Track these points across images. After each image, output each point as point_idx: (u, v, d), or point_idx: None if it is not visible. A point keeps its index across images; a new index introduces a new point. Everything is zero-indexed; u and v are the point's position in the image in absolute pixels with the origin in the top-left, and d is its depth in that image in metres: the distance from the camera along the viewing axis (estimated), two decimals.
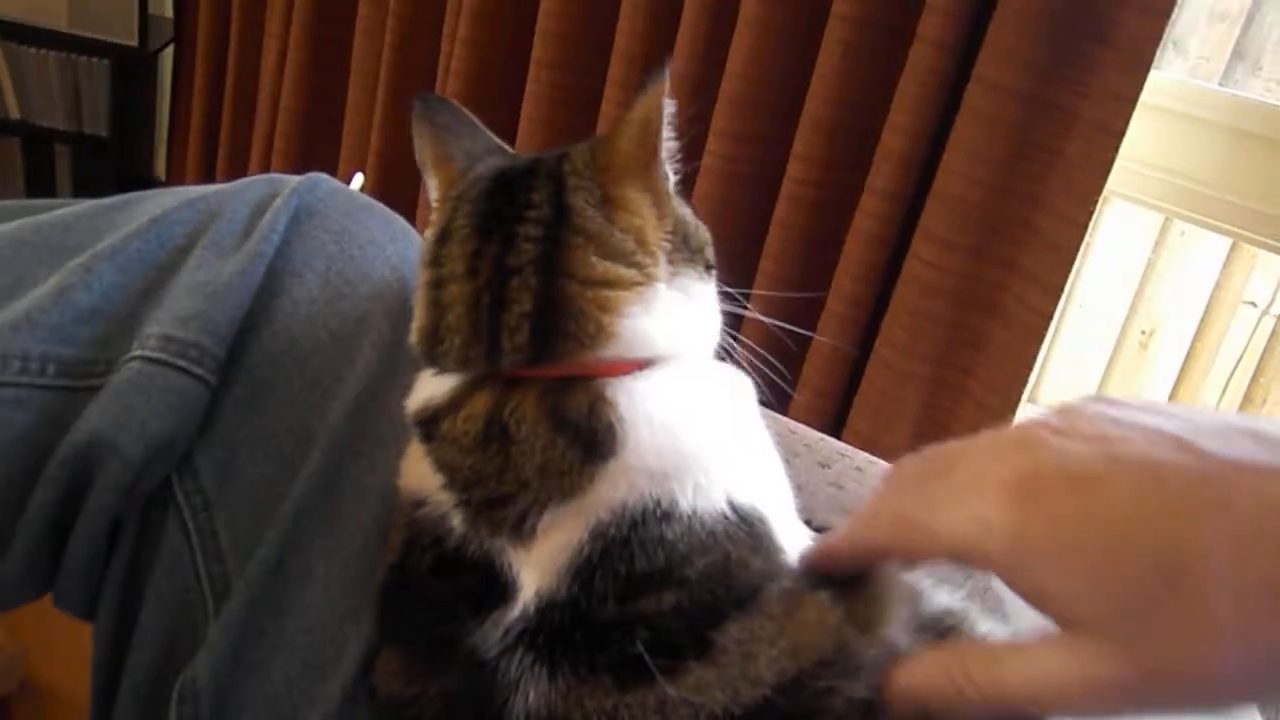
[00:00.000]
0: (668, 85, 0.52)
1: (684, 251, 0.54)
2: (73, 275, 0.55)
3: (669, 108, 0.53)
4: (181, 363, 0.54)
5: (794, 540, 0.50)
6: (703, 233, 0.57)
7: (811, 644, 0.46)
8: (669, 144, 0.55)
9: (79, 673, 0.59)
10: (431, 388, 0.54)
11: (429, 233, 0.56)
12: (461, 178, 0.57)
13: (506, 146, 0.62)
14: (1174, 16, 0.98)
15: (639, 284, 0.51)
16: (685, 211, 0.56)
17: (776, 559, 0.49)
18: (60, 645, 0.60)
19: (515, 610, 0.48)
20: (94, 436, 0.52)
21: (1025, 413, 2.53)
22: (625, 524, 0.47)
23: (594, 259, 0.51)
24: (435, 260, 0.54)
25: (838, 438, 0.63)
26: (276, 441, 0.57)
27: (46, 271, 0.56)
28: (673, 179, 0.55)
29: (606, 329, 0.50)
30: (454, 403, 0.52)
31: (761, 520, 0.49)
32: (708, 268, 0.56)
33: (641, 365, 0.51)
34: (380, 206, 0.66)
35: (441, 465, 0.52)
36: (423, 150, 0.61)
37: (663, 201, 0.53)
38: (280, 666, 0.54)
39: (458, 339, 0.52)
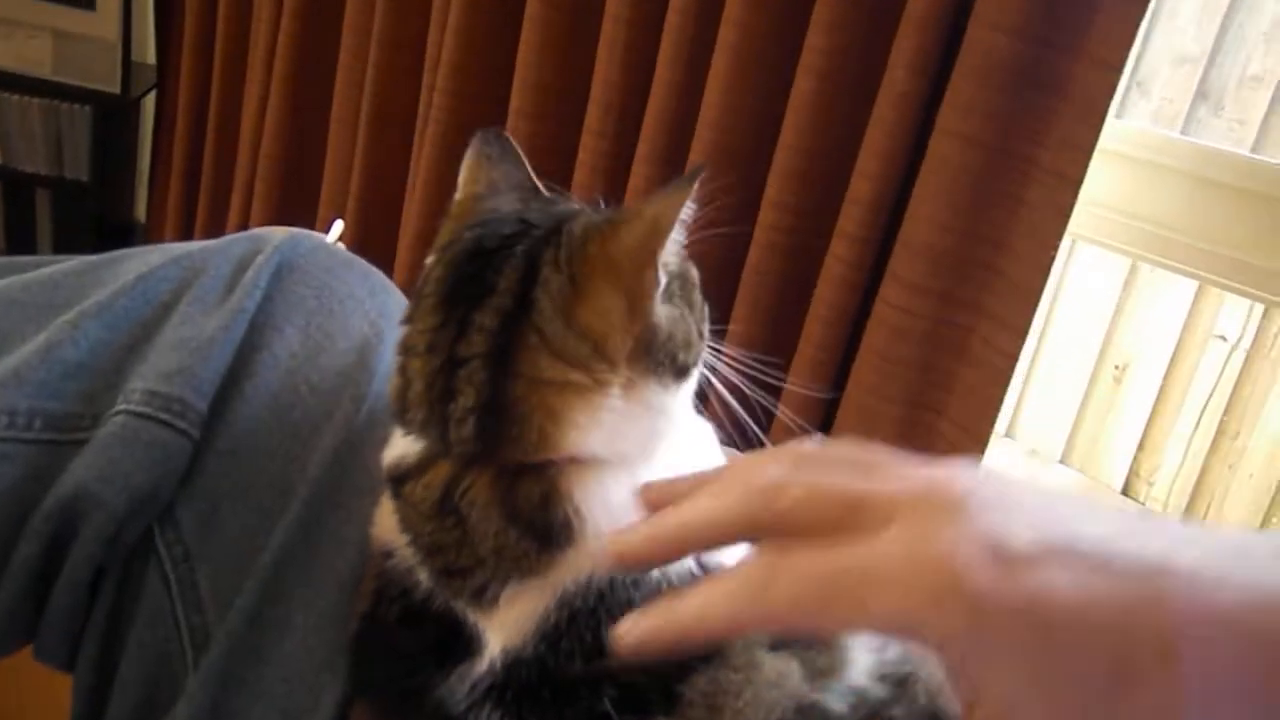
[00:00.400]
0: (693, 192, 0.50)
1: (649, 360, 0.51)
2: (60, 332, 0.57)
3: (686, 212, 0.50)
4: (165, 416, 0.55)
5: None
6: (682, 334, 0.53)
7: (773, 702, 0.46)
8: (677, 241, 0.52)
9: (34, 709, 0.60)
10: (404, 445, 0.55)
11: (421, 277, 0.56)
12: (470, 206, 0.58)
13: (539, 186, 0.61)
14: (1137, 58, 1.01)
15: (589, 390, 0.49)
16: (670, 312, 0.53)
17: None
18: (32, 704, 0.61)
19: (482, 665, 0.48)
20: (79, 489, 0.53)
21: (997, 450, 2.54)
22: (593, 595, 0.47)
23: (545, 361, 0.49)
24: (408, 318, 0.55)
25: None
26: (257, 493, 0.58)
27: (35, 329, 0.57)
28: (664, 281, 0.51)
29: (550, 438, 0.49)
30: (420, 466, 0.53)
31: None
32: (680, 371, 0.53)
33: (595, 460, 0.50)
34: (360, 262, 0.68)
35: (406, 525, 0.53)
36: (462, 174, 0.61)
37: (639, 306, 0.50)
38: (258, 716, 0.55)
39: (419, 414, 0.52)
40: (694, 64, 1.27)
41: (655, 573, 0.47)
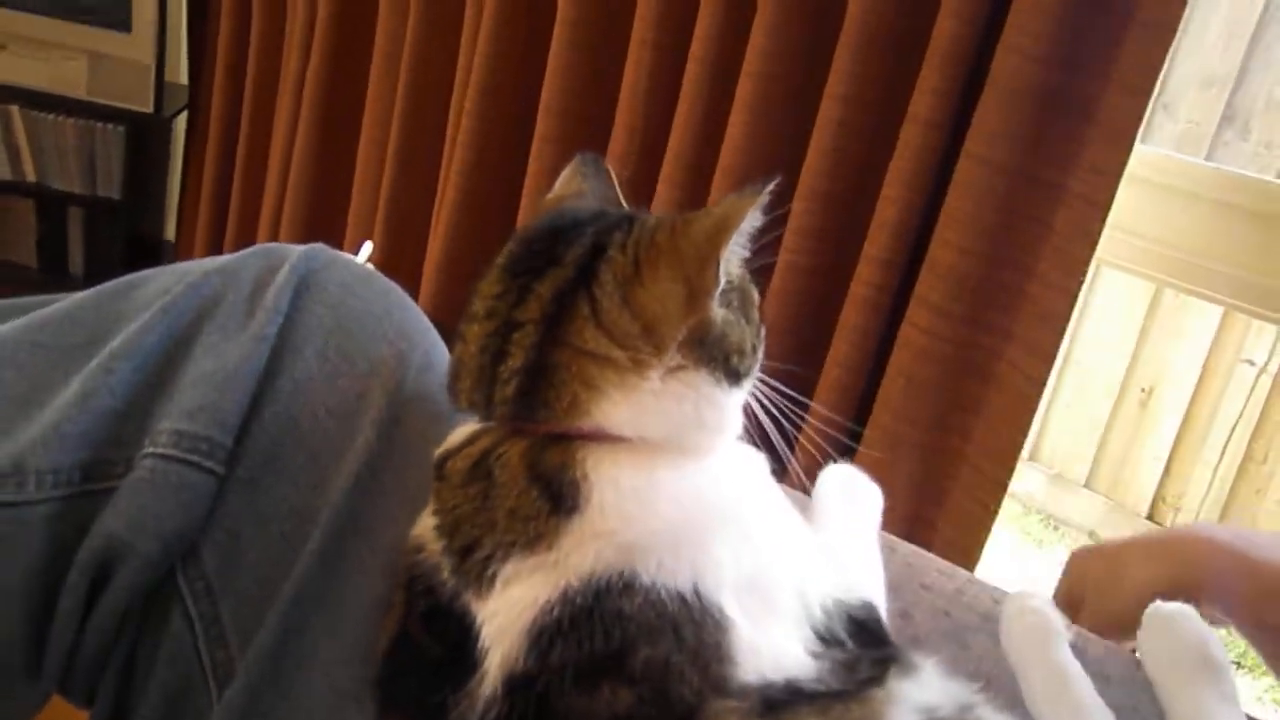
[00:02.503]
0: (762, 201, 0.50)
1: (700, 351, 0.51)
2: (95, 380, 0.56)
3: (754, 220, 0.51)
4: (194, 458, 0.55)
5: (770, 654, 0.46)
6: (736, 338, 0.53)
7: None
8: (739, 253, 0.53)
9: None
10: (458, 434, 0.55)
11: None
12: (555, 206, 0.59)
13: (623, 204, 0.61)
14: (1163, 81, 1.01)
15: (626, 369, 0.50)
16: (728, 316, 0.53)
17: (719, 671, 0.45)
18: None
19: (486, 687, 0.47)
20: (112, 539, 0.53)
21: (1021, 476, 2.52)
22: (590, 593, 0.46)
23: (592, 332, 0.50)
24: (475, 292, 0.55)
25: None
26: (278, 522, 0.57)
27: (63, 375, 0.57)
28: (723, 283, 0.52)
29: (580, 406, 0.50)
30: (464, 444, 0.53)
31: (719, 624, 0.46)
32: (732, 373, 0.53)
33: (622, 440, 0.50)
34: (379, 277, 0.67)
35: (438, 507, 0.53)
36: (558, 183, 0.62)
37: (697, 298, 0.51)
38: None
39: (468, 380, 0.53)
40: (719, 87, 1.28)
41: (645, 582, 0.46)
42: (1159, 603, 0.64)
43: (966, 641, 0.72)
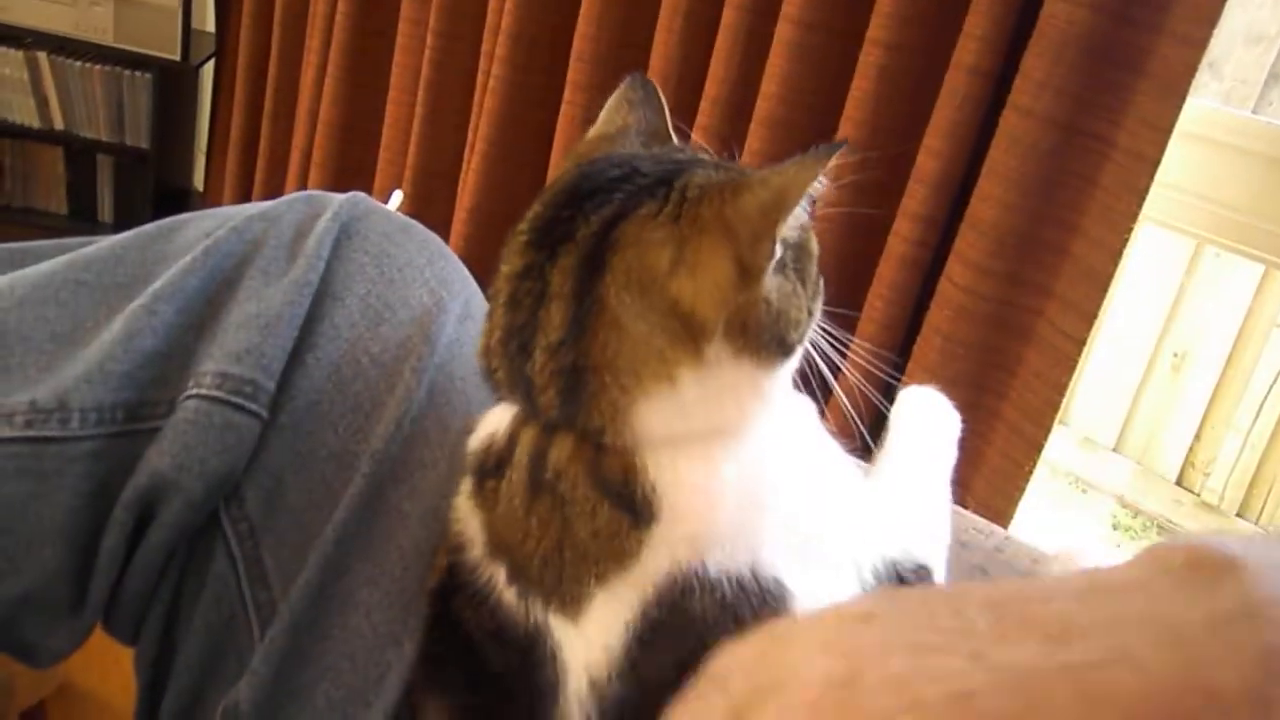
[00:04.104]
0: (823, 169, 0.45)
1: (745, 337, 0.46)
2: (139, 320, 0.56)
3: (817, 185, 0.46)
4: (237, 399, 0.55)
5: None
6: (792, 311, 0.48)
7: None
8: (800, 216, 0.47)
9: (115, 677, 0.60)
10: (494, 421, 0.52)
11: None
12: (595, 145, 0.54)
13: (672, 134, 0.56)
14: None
15: (660, 374, 0.45)
16: (783, 285, 0.48)
17: None
18: (96, 649, 0.61)
19: (572, 705, 0.46)
20: (156, 478, 0.53)
21: (1056, 438, 2.50)
22: (669, 599, 0.45)
23: (617, 335, 0.45)
24: (501, 260, 0.50)
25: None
26: (319, 467, 0.57)
27: (106, 312, 0.57)
28: (779, 253, 0.47)
29: (622, 413, 0.46)
30: (506, 443, 0.50)
31: (777, 596, 0.45)
32: (785, 349, 0.49)
33: (675, 438, 0.47)
34: (418, 227, 0.66)
35: (487, 519, 0.51)
36: (602, 114, 0.58)
37: (748, 278, 0.46)
38: (323, 692, 0.55)
39: (502, 371, 0.50)
40: (756, 35, 1.25)
41: (712, 570, 0.44)
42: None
43: None
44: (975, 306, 1.11)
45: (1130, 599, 0.30)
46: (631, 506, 0.46)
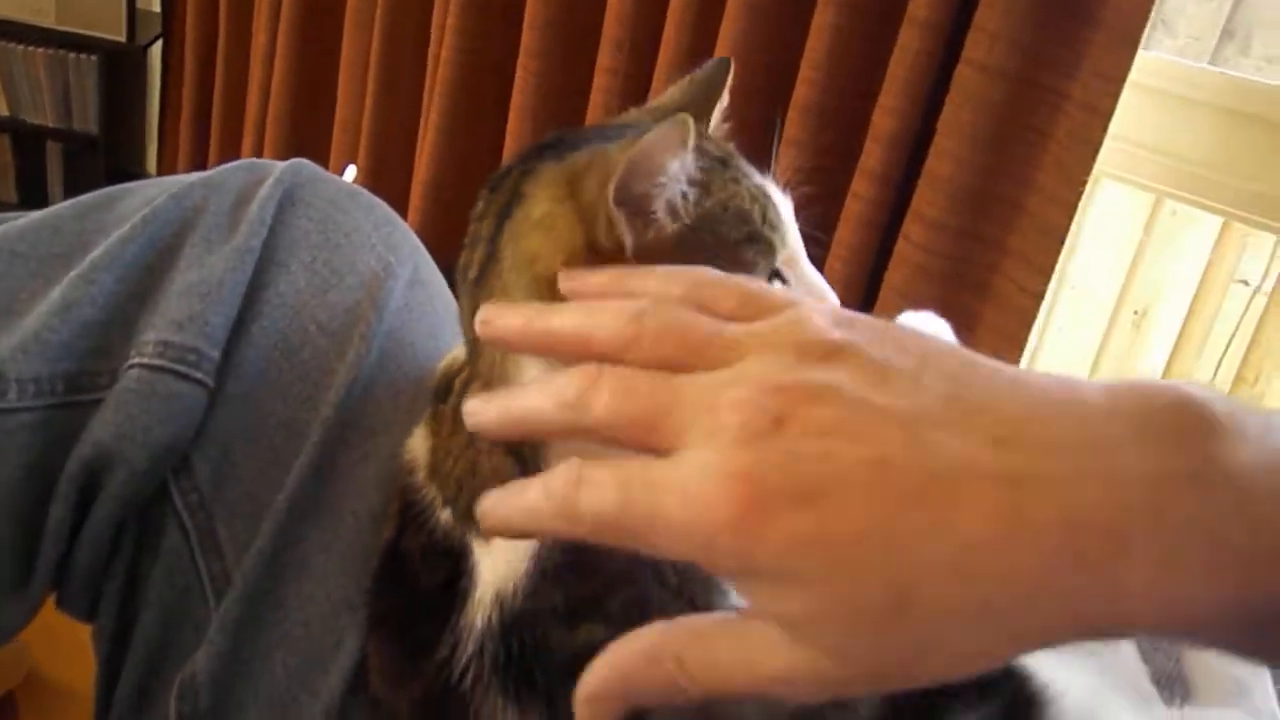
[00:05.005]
0: (684, 138, 0.43)
1: None
2: (76, 289, 0.55)
3: (686, 164, 0.44)
4: (180, 368, 0.54)
5: None
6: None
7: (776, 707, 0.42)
8: (674, 201, 0.45)
9: (82, 665, 0.60)
10: (458, 352, 0.55)
11: None
12: (634, 114, 0.55)
13: (710, 117, 0.54)
14: None
15: None
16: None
17: (708, 601, 0.45)
18: (64, 638, 0.61)
19: (478, 620, 0.48)
20: (99, 449, 0.53)
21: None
22: (571, 547, 0.46)
23: (501, 290, 0.47)
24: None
25: None
26: (268, 436, 0.57)
27: (43, 283, 0.56)
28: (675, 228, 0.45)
29: (503, 367, 0.48)
30: (458, 371, 0.53)
31: None
32: None
33: None
34: (365, 193, 0.66)
35: (434, 443, 0.53)
36: (671, 88, 0.57)
37: (597, 255, 0.44)
38: (280, 659, 0.55)
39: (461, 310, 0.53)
40: None
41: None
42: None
43: None
44: (933, 265, 1.11)
45: (1094, 429, 0.30)
46: (520, 458, 0.48)
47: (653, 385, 0.34)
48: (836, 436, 0.31)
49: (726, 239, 0.47)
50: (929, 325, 0.68)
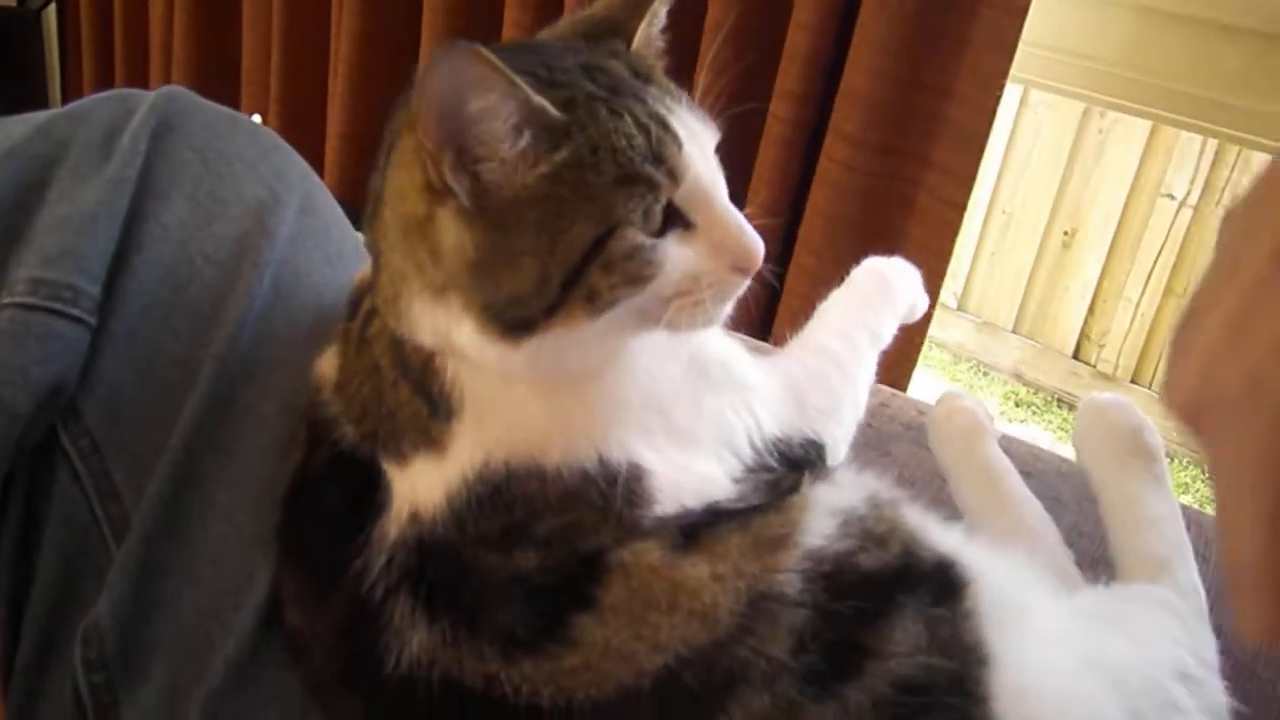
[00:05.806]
0: (474, 74, 0.39)
1: (470, 283, 0.46)
2: None
3: (501, 102, 0.40)
4: (56, 305, 0.52)
5: (691, 485, 0.47)
6: (504, 275, 0.44)
7: (713, 607, 0.43)
8: (505, 141, 0.41)
9: None
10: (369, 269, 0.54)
11: None
12: (568, 29, 0.53)
13: (633, 37, 0.52)
14: None
15: (411, 275, 0.46)
16: (499, 242, 0.43)
17: (632, 516, 0.45)
18: None
19: (392, 531, 0.47)
20: None
21: (950, 325, 2.54)
22: (492, 480, 0.45)
23: (381, 225, 0.48)
24: None
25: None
26: (161, 374, 0.55)
27: None
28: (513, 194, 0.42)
29: (400, 308, 0.47)
30: (368, 290, 0.51)
31: (633, 475, 0.46)
32: (509, 325, 0.45)
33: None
34: (246, 119, 0.63)
35: (342, 362, 0.52)
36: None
37: (433, 195, 0.44)
38: (189, 599, 0.53)
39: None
40: None
41: (548, 466, 0.45)
42: (1094, 394, 0.65)
43: (889, 449, 0.72)
44: (855, 182, 1.10)
45: None
46: (429, 398, 0.47)
47: None
48: None
49: (592, 186, 0.42)
50: (898, 269, 0.68)
